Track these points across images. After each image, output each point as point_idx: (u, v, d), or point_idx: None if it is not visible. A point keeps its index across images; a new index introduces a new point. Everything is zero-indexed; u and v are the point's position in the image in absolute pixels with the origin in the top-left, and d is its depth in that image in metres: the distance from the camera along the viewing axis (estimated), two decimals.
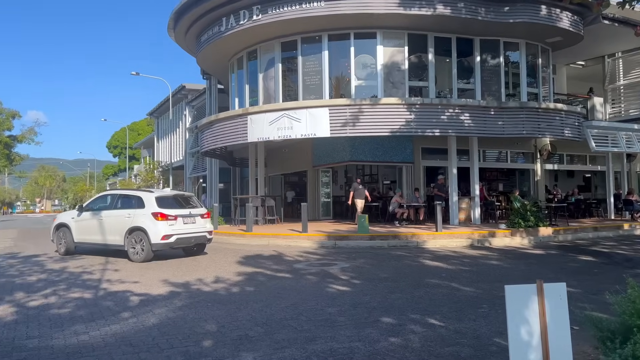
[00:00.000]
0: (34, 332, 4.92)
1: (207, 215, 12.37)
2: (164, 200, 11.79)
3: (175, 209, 11.66)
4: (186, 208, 11.99)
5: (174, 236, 11.14)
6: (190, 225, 11.73)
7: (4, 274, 9.06)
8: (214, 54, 20.56)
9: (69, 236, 12.52)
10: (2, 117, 39.11)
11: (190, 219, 11.78)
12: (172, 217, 11.31)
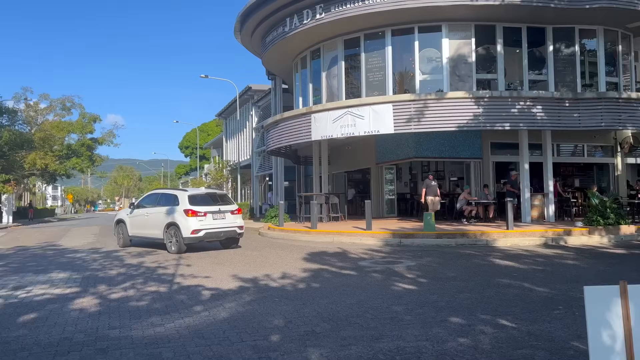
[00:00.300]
0: (115, 323, 5.24)
1: (237, 212, 13.19)
2: (195, 199, 12.85)
3: (206, 206, 12.62)
4: (216, 205, 12.89)
5: (202, 231, 12.18)
6: (220, 221, 12.67)
7: (88, 267, 9.71)
8: (279, 54, 20.92)
9: (125, 231, 14.01)
10: (85, 122, 41.89)
11: (219, 215, 12.69)
12: (202, 213, 12.31)
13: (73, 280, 8.09)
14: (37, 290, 7.26)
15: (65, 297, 6.68)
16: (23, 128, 38.64)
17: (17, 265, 10.25)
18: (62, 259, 11.26)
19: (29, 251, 13.50)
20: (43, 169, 35.94)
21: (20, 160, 34.25)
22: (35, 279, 8.25)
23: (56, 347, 4.42)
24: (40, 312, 5.79)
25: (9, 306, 6.19)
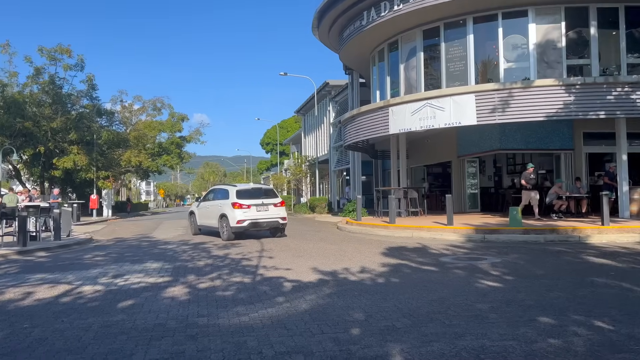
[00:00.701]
0: (203, 311, 5.52)
1: (280, 204, 14.87)
2: (242, 193, 14.69)
3: (251, 199, 14.40)
4: (260, 198, 14.59)
5: (247, 221, 14.03)
6: (263, 213, 14.41)
7: (178, 258, 10.30)
8: (356, 48, 20.87)
9: (195, 221, 16.58)
10: (174, 121, 44.37)
11: (263, 207, 14.45)
12: (246, 206, 14.19)
13: (165, 270, 8.62)
14: (133, 278, 7.81)
15: (158, 286, 7.13)
16: (119, 128, 41.69)
17: (116, 256, 11.09)
18: (155, 250, 12.04)
19: (126, 242, 14.56)
20: (137, 166, 38.53)
21: (117, 158, 36.96)
22: (132, 268, 8.89)
23: (151, 332, 4.73)
24: (137, 299, 6.23)
25: (110, 293, 6.72)
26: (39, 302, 6.19)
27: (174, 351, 4.12)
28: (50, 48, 33.68)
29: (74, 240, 14.27)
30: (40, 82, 34.03)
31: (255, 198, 14.62)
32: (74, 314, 5.54)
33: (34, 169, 35.69)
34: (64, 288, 7.11)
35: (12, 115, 31.20)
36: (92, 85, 36.82)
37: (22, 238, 12.43)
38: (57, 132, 32.74)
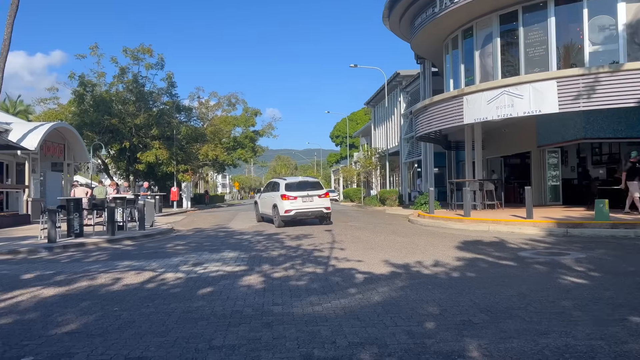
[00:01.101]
0: (278, 300, 5.65)
1: (325, 196, 16.68)
2: (290, 185, 16.65)
3: (297, 191, 16.33)
4: (306, 190, 16.45)
5: (293, 210, 16.04)
6: (309, 203, 16.29)
7: (253, 248, 10.61)
8: (428, 37, 20.38)
9: (258, 210, 19.13)
10: (248, 116, 45.63)
11: (308, 199, 16.30)
12: (293, 197, 16.13)
13: (241, 259, 8.91)
14: (212, 267, 8.15)
15: (235, 275, 7.39)
16: (197, 123, 43.51)
17: (195, 245, 11.62)
18: (231, 240, 12.48)
19: (204, 232, 15.21)
20: (214, 160, 40.09)
21: (195, 152, 38.64)
22: (210, 257, 9.27)
23: (229, 318, 4.91)
24: (215, 287, 6.49)
25: (190, 280, 7.05)
26: (127, 288, 6.61)
27: (251, 337, 4.25)
28: (134, 48, 35.74)
29: (157, 230, 15.11)
30: (125, 81, 36.24)
31: (302, 190, 16.51)
32: (158, 299, 5.87)
33: (120, 163, 38.16)
34: (148, 275, 7.55)
35: (101, 112, 33.51)
36: (171, 83, 38.69)
37: (111, 227, 13.34)
38: (141, 128, 34.76)
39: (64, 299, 6.02)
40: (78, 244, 11.85)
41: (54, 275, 7.70)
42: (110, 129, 33.89)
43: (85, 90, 34.55)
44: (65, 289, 6.58)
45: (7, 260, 9.93)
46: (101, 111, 33.59)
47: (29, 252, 10.70)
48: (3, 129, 20.59)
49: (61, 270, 8.27)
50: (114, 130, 34.08)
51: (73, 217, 13.03)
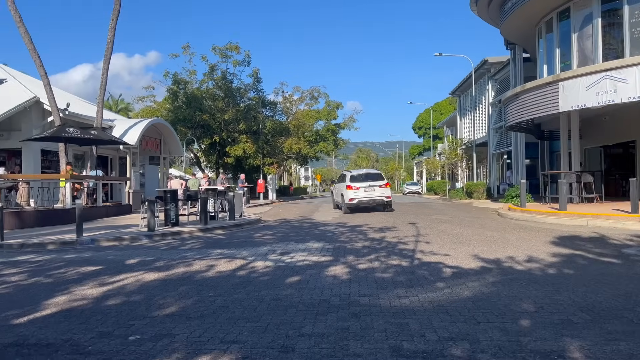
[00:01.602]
0: (364, 291, 5.66)
1: (385, 186, 19.05)
2: (354, 177, 19.22)
3: (360, 182, 18.83)
4: (368, 181, 18.86)
5: (356, 199, 18.57)
6: (370, 193, 18.67)
7: (337, 239, 10.71)
8: (519, 20, 19.33)
9: (333, 199, 22.21)
10: (329, 109, 46.01)
11: (370, 189, 18.70)
12: (356, 187, 18.66)
13: (326, 250, 9.04)
14: (298, 256, 8.34)
15: (321, 265, 7.50)
16: (281, 118, 44.60)
17: (282, 235, 11.95)
18: (315, 231, 12.69)
19: (289, 223, 15.59)
20: (297, 153, 40.91)
21: (280, 145, 39.66)
22: (296, 247, 9.49)
23: (317, 307, 5.00)
24: (302, 276, 6.63)
25: (278, 269, 7.27)
26: (220, 274, 6.95)
27: (339, 327, 4.30)
28: (222, 46, 37.29)
29: (246, 221, 15.71)
30: (214, 78, 37.95)
31: (364, 181, 18.90)
32: (249, 286, 6.11)
33: (210, 157, 40.09)
34: (239, 262, 7.88)
35: (193, 109, 35.37)
36: (257, 79, 39.92)
37: (204, 217, 14.07)
38: (229, 123, 36.24)
39: (163, 283, 6.45)
40: (174, 232, 12.64)
41: (154, 261, 8.27)
42: (202, 124, 35.67)
43: (179, 87, 36.64)
44: (164, 274, 7.04)
45: (113, 246, 10.82)
46: (193, 107, 35.45)
47: (131, 239, 11.58)
48: (107, 126, 22.37)
49: (160, 256, 8.86)
50: (205, 126, 35.83)
51: (170, 207, 13.90)
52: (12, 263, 8.62)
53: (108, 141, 19.54)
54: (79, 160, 22.75)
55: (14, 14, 18.04)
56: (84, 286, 6.34)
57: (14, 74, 23.40)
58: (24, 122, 19.34)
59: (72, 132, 16.80)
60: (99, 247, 10.75)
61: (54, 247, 10.85)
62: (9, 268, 8.06)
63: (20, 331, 4.42)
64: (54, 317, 4.89)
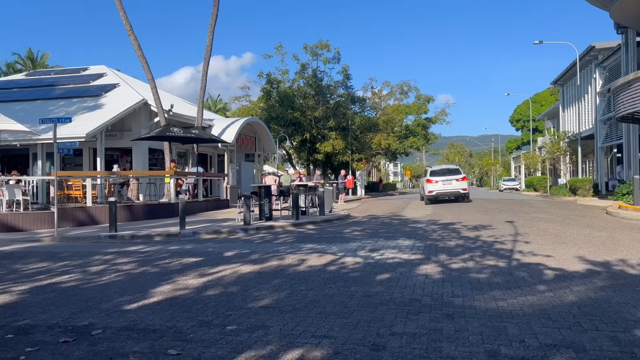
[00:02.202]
0: (457, 292, 5.47)
1: (462, 179, 21.71)
2: (434, 172, 22.63)
3: (439, 176, 21.85)
4: (446, 176, 21.80)
5: (435, 191, 21.64)
6: (447, 185, 21.49)
7: (429, 237, 10.47)
8: (632, 1, 17.61)
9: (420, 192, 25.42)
10: (420, 103, 45.08)
11: (447, 182, 21.44)
12: (435, 181, 21.66)
13: (417, 248, 8.86)
14: (388, 254, 8.26)
15: (411, 263, 7.38)
16: (370, 113, 44.48)
17: (371, 232, 11.91)
18: (405, 228, 12.50)
19: (378, 220, 15.51)
20: (386, 148, 40.60)
21: (369, 141, 39.59)
22: (386, 244, 9.41)
23: (408, 306, 4.92)
24: (392, 274, 6.56)
25: (368, 265, 7.25)
26: (311, 269, 7.07)
27: (431, 327, 4.20)
28: (313, 45, 37.93)
29: (335, 216, 15.87)
30: (305, 77, 38.70)
31: (442, 175, 21.92)
32: (339, 281, 6.16)
33: (301, 153, 41.01)
34: (329, 258, 7.98)
35: (285, 107, 36.36)
36: (346, 75, 40.12)
37: (296, 212, 14.41)
38: (319, 120, 36.81)
39: (258, 275, 6.69)
40: (268, 226, 13.08)
41: (249, 254, 8.62)
42: (293, 122, 36.56)
43: (272, 87, 37.84)
44: (259, 267, 7.31)
45: (212, 239, 11.44)
46: (285, 106, 36.44)
47: (228, 232, 12.16)
48: (207, 125, 23.65)
49: (255, 249, 9.22)
50: (296, 123, 36.68)
51: (264, 203, 14.41)
52: (124, 253, 9.41)
53: (207, 139, 20.66)
54: (182, 158, 24.29)
55: (125, 23, 19.64)
56: (186, 276, 6.76)
57: (125, 79, 25.53)
58: (134, 122, 21.01)
59: (175, 132, 17.98)
60: (200, 239, 11.41)
61: (159, 238, 11.69)
62: (122, 257, 8.81)
63: (131, 316, 4.81)
64: (160, 304, 5.26)
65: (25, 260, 8.79)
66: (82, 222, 15.27)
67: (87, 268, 7.75)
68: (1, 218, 14.36)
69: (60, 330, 4.41)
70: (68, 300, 5.59)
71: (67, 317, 4.85)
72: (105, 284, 6.49)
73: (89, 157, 21.30)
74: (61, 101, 22.59)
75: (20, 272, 7.62)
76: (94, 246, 10.81)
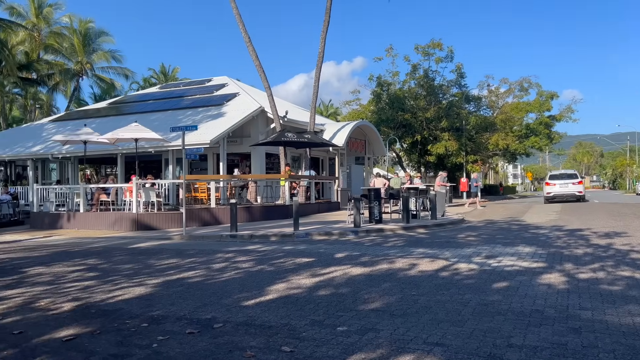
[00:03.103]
0: (585, 304, 5.01)
1: (578, 183, 24.51)
2: (552, 176, 26.35)
3: (556, 180, 25.26)
4: (563, 179, 24.96)
5: (552, 193, 24.94)
6: (564, 188, 24.60)
7: (552, 244, 9.71)
8: None
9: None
10: (542, 100, 42.01)
11: (564, 185, 24.66)
12: (552, 184, 24.99)
13: (538, 255, 8.27)
14: (506, 261, 7.81)
15: (532, 271, 6.90)
16: (486, 112, 42.47)
17: (487, 237, 11.35)
18: (526, 234, 11.72)
19: (496, 224, 14.73)
20: (504, 149, 38.46)
21: (485, 142, 37.81)
22: (504, 251, 8.90)
23: (528, 317, 4.60)
24: (511, 282, 6.19)
25: (484, 272, 6.91)
26: (422, 274, 6.92)
27: (555, 341, 3.89)
28: (424, 45, 37.22)
29: (448, 220, 15.38)
30: (416, 77, 38.09)
31: (560, 179, 25.23)
32: (452, 288, 5.95)
33: (412, 156, 40.42)
34: (441, 263, 7.74)
35: (395, 109, 36.09)
36: (460, 74, 38.77)
37: (406, 215, 14.22)
38: (431, 121, 35.98)
39: (368, 278, 6.71)
40: (378, 229, 13.06)
41: (359, 257, 8.67)
42: (403, 124, 36.15)
43: (382, 89, 37.78)
44: (369, 270, 7.32)
45: (323, 240, 11.70)
46: (395, 108, 36.17)
47: (339, 234, 12.35)
48: (319, 130, 24.28)
49: (365, 252, 9.25)
50: (407, 125, 36.22)
51: (373, 205, 14.42)
52: (243, 252, 9.98)
53: (319, 144, 21.19)
54: (296, 162, 25.18)
55: (244, 35, 20.88)
56: (299, 276, 6.99)
57: (244, 88, 27.15)
58: (252, 129, 22.22)
59: (289, 137, 18.71)
60: (312, 240, 11.74)
61: (275, 238, 12.23)
62: (241, 256, 9.36)
63: (249, 312, 5.08)
64: (275, 302, 5.50)
65: (158, 257, 9.70)
66: (206, 222, 16.48)
67: (210, 265, 8.34)
68: (138, 218, 16.00)
69: (186, 322, 4.80)
70: (193, 294, 6.06)
71: (193, 309, 5.26)
72: (225, 280, 6.93)
73: (212, 162, 22.92)
74: (188, 111, 24.61)
75: (154, 267, 8.42)
76: (217, 244, 11.61)
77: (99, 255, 10.13)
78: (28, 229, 18.01)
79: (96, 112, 29.09)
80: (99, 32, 45.10)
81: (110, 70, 46.50)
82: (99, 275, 7.64)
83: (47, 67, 42.38)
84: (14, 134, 28.84)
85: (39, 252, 11.23)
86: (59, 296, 6.19)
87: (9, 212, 20.54)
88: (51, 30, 43.14)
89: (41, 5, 41.95)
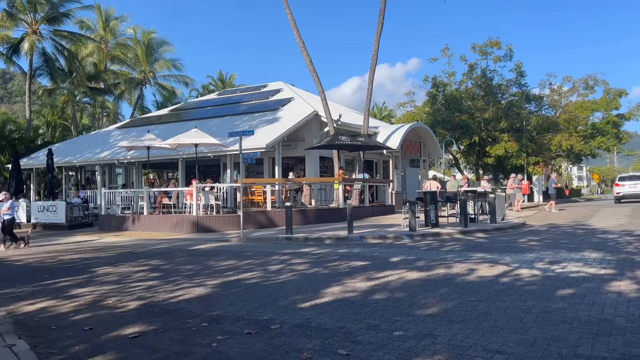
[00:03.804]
0: None
1: None
2: (621, 177, 28.48)
3: (626, 181, 27.38)
4: (632, 181, 26.96)
5: (621, 193, 26.84)
6: (632, 188, 26.43)
7: (622, 250, 9.17)
8: None
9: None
10: (609, 98, 39.78)
11: (633, 186, 26.44)
12: (622, 184, 27.40)
13: (607, 262, 7.84)
14: (571, 267, 7.45)
15: (600, 278, 6.54)
16: (548, 112, 40.72)
17: (551, 242, 10.87)
18: (592, 239, 11.14)
19: (559, 229, 14.08)
20: (568, 150, 36.70)
21: (547, 142, 36.25)
22: (569, 256, 8.50)
23: (596, 326, 4.38)
24: (577, 289, 5.90)
25: (547, 279, 6.63)
26: (481, 279, 6.73)
27: (626, 353, 3.68)
28: (482, 44, 36.23)
29: (508, 224, 14.86)
30: (473, 77, 37.12)
31: (630, 180, 27.18)
32: (513, 294, 5.75)
33: (469, 157, 39.36)
34: (502, 269, 7.49)
35: (451, 110, 35.30)
36: (520, 73, 37.41)
37: (464, 219, 13.87)
38: (489, 122, 34.92)
39: (424, 283, 6.60)
40: (434, 233, 12.82)
41: (415, 261, 8.54)
42: (460, 125, 35.28)
43: (437, 90, 37.10)
44: (425, 274, 7.20)
45: (378, 243, 11.62)
46: (452, 109, 35.38)
47: (394, 238, 12.22)
48: (372, 132, 24.16)
49: (421, 256, 9.10)
50: (464, 126, 35.33)
51: (429, 209, 14.16)
52: (298, 254, 10.09)
53: (373, 146, 21.08)
54: (349, 165, 25.16)
55: (298, 40, 21.15)
56: (354, 279, 6.97)
57: (299, 93, 27.48)
58: (306, 133, 22.44)
59: (343, 140, 18.74)
60: (366, 243, 11.68)
61: (329, 241, 12.27)
62: (296, 258, 9.46)
63: (305, 314, 5.13)
64: (330, 305, 5.52)
65: (217, 258, 9.98)
66: (263, 225, 16.78)
67: (266, 267, 8.49)
68: (198, 220, 16.54)
69: (244, 322, 4.90)
70: (251, 295, 6.19)
71: (250, 310, 5.38)
72: (281, 282, 7.03)
73: (268, 166, 23.33)
74: (245, 116, 25.20)
75: (213, 268, 8.67)
76: (273, 247, 11.80)
77: (161, 257, 10.56)
78: (96, 231, 19.05)
79: (158, 118, 30.37)
80: (160, 41, 47.16)
81: (171, 78, 48.45)
82: (161, 276, 7.96)
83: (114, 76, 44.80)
84: (84, 141, 30.58)
85: (106, 253, 11.85)
86: (125, 295, 6.50)
87: (80, 214, 21.83)
88: (117, 41, 45.57)
89: (108, 19, 44.42)
